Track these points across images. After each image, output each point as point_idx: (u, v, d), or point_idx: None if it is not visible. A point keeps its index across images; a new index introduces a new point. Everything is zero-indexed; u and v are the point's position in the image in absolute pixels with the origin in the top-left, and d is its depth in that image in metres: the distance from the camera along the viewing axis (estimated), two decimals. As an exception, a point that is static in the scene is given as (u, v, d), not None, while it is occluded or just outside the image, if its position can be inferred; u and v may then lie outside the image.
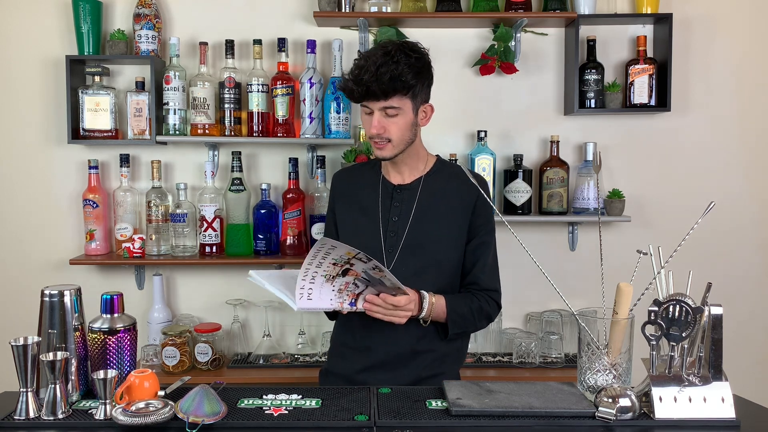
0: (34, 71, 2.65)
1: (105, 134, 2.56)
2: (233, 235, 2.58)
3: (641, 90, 2.58)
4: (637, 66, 2.58)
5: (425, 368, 1.77)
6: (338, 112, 2.55)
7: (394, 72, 1.61)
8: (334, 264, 1.54)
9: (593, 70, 2.58)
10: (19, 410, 1.36)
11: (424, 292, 1.68)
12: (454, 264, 1.77)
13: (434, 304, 1.69)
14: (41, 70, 2.65)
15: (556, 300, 2.58)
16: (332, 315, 1.82)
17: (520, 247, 1.57)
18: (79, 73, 2.57)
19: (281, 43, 2.56)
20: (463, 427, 1.36)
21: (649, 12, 2.56)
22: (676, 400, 1.37)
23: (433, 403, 1.45)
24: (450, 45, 2.68)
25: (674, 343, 1.40)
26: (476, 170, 2.55)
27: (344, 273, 1.56)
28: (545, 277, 1.55)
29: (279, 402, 1.45)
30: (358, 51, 1.77)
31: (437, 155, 1.88)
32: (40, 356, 1.37)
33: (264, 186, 2.58)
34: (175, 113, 2.55)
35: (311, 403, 1.45)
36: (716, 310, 1.38)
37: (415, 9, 2.57)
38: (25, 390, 1.37)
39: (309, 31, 2.65)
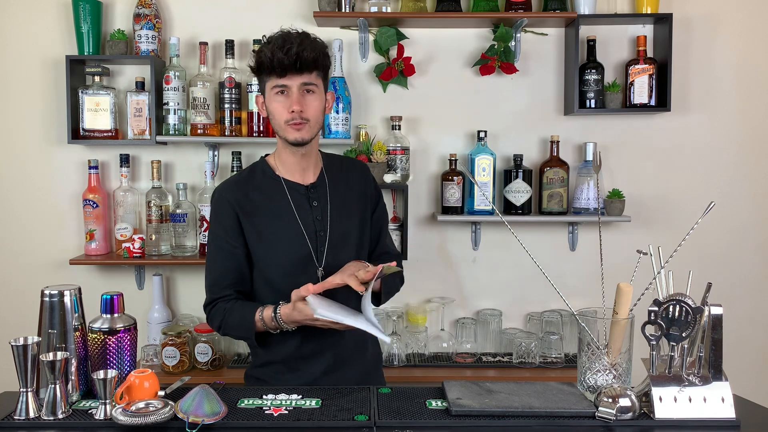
0: (34, 71, 2.65)
1: (105, 134, 2.56)
2: (233, 235, 2.58)
3: (641, 90, 2.58)
4: (637, 66, 2.58)
5: (370, 352, 1.85)
6: (338, 112, 2.55)
7: (316, 47, 1.66)
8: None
9: (593, 70, 2.58)
10: (19, 410, 1.36)
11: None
12: (367, 243, 1.84)
13: None
14: (41, 70, 2.65)
15: (556, 300, 2.58)
16: (261, 341, 1.74)
17: (520, 247, 1.57)
18: (79, 73, 2.57)
19: (281, 43, 2.56)
20: (463, 427, 1.36)
21: (649, 12, 2.56)
22: (676, 400, 1.37)
23: (433, 403, 1.45)
24: (450, 45, 2.68)
25: (674, 343, 1.40)
26: (476, 170, 2.56)
27: None
28: (545, 277, 1.55)
29: (279, 402, 1.45)
30: (263, 36, 1.74)
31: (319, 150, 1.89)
32: (40, 356, 1.37)
33: (264, 186, 2.58)
34: (175, 113, 2.55)
35: (311, 403, 1.45)
36: (716, 310, 1.38)
37: (415, 9, 2.57)
38: (25, 390, 1.37)
39: (309, 31, 2.63)
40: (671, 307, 1.40)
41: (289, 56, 1.61)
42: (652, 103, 2.59)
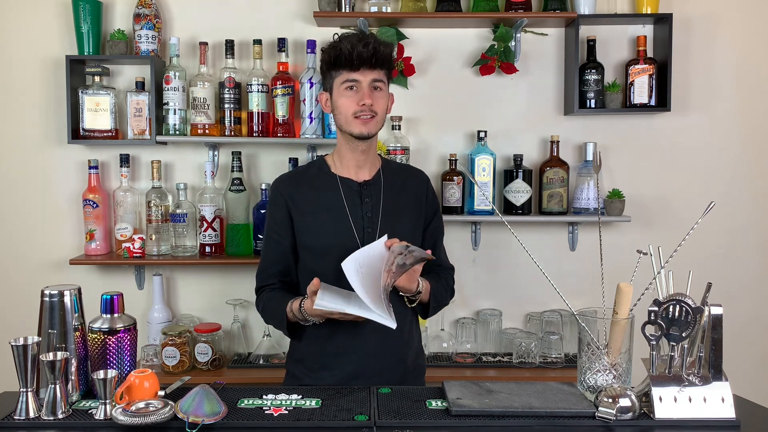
0: (34, 71, 2.65)
1: (105, 134, 2.56)
2: (233, 235, 2.58)
3: (641, 90, 2.58)
4: (637, 66, 2.58)
5: (411, 360, 1.84)
6: (338, 112, 2.55)
7: (388, 45, 1.74)
8: (387, 271, 1.55)
9: (593, 70, 2.58)
10: (19, 410, 1.37)
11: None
12: None
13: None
14: (41, 70, 2.65)
15: (556, 300, 2.58)
16: (294, 332, 1.78)
17: (520, 247, 1.57)
18: (79, 73, 2.57)
19: (281, 43, 2.56)
20: (463, 427, 1.36)
21: (649, 12, 2.56)
22: (676, 400, 1.37)
23: (433, 403, 1.45)
24: (450, 45, 2.68)
25: (674, 343, 1.40)
26: (476, 170, 2.56)
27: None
28: (545, 277, 1.55)
29: (279, 402, 1.45)
30: (335, 34, 1.79)
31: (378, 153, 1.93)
32: (40, 356, 1.38)
33: (264, 186, 2.58)
34: (175, 113, 2.55)
35: (311, 403, 1.45)
36: (716, 310, 1.38)
37: (415, 9, 2.57)
38: (25, 390, 1.37)
39: (309, 31, 2.65)
40: (671, 307, 1.40)
41: (368, 50, 1.67)
42: (652, 103, 2.59)
